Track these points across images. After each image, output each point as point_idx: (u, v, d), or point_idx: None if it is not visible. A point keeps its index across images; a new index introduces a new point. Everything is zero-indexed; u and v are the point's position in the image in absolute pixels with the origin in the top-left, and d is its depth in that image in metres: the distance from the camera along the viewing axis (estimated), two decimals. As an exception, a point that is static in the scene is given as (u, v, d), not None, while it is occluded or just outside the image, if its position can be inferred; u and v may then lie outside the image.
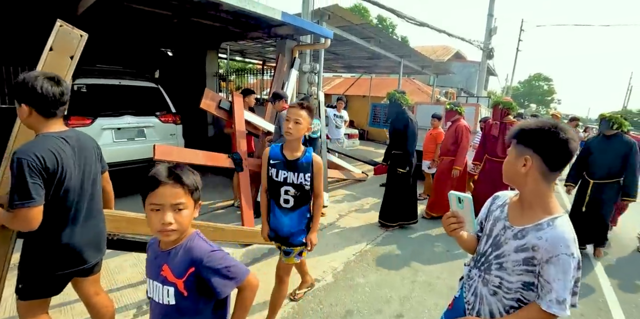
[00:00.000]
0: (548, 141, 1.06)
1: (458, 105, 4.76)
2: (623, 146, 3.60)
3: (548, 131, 1.07)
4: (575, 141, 1.05)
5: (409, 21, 7.13)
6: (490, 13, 10.73)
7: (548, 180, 1.08)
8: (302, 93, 5.61)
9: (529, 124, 1.11)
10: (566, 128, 1.08)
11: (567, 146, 1.05)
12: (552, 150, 1.06)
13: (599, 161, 3.71)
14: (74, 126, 4.16)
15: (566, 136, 1.05)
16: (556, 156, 1.06)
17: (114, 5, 4.25)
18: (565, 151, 1.06)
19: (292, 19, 4.17)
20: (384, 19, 27.59)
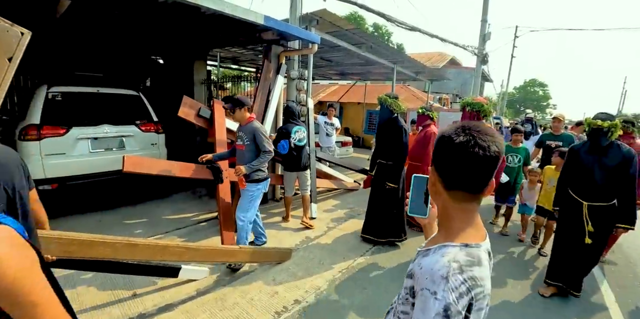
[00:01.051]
0: (440, 149, 0.85)
1: (430, 109, 4.64)
2: (621, 157, 2.78)
3: (442, 137, 0.84)
4: (479, 146, 0.78)
5: (399, 25, 6.99)
6: (484, 19, 10.66)
7: (456, 200, 0.84)
8: (291, 100, 5.43)
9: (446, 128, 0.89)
10: (468, 129, 0.81)
11: (458, 153, 0.79)
12: (442, 159, 0.84)
13: (592, 177, 2.89)
14: (47, 136, 3.98)
15: (459, 139, 0.80)
16: (445, 168, 0.83)
17: (93, 9, 4.08)
18: (454, 161, 0.81)
19: (276, 23, 4.01)
20: (379, 27, 27.72)
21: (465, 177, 0.82)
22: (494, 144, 0.80)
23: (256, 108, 4.55)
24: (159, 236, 3.92)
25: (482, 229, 0.87)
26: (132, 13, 4.28)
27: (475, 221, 0.86)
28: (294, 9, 5.19)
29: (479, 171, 0.81)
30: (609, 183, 2.84)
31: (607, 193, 2.86)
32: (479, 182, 0.82)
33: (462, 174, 0.81)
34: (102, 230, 3.99)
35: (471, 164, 0.79)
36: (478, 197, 0.85)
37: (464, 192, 0.83)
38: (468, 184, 0.82)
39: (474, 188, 0.83)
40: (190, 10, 3.55)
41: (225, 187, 3.71)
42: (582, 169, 2.96)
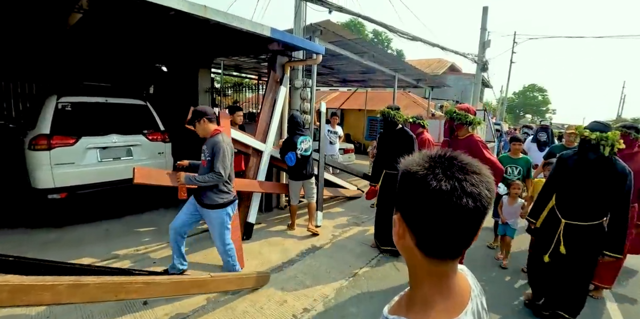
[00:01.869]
0: (409, 194, 0.62)
1: (421, 118, 4.73)
2: (614, 174, 2.40)
3: (411, 176, 0.61)
4: (467, 195, 0.57)
5: (402, 36, 7.12)
6: (484, 27, 10.82)
7: (430, 262, 0.63)
8: (295, 109, 5.51)
9: (412, 158, 0.66)
10: (448, 167, 0.60)
11: (438, 206, 0.57)
12: (412, 210, 0.61)
13: (574, 193, 2.56)
14: (57, 146, 4.05)
15: (439, 185, 0.57)
16: (417, 223, 0.61)
17: (104, 21, 4.19)
18: (430, 216, 0.59)
19: (282, 35, 4.11)
20: (379, 33, 27.98)
21: (447, 240, 0.60)
22: (484, 186, 0.60)
23: (263, 117, 4.63)
24: (167, 244, 3.97)
25: (460, 297, 0.66)
26: (141, 24, 4.39)
27: (451, 288, 0.65)
28: (298, 19, 5.30)
29: (465, 229, 0.60)
30: (594, 202, 2.50)
31: (590, 212, 2.52)
32: (463, 243, 0.62)
33: (443, 235, 0.60)
34: (111, 239, 4.05)
35: (457, 222, 0.58)
36: (459, 257, 0.65)
37: (442, 255, 0.63)
38: (449, 248, 0.62)
39: (456, 251, 0.63)
40: (199, 22, 3.64)
41: (233, 197, 3.76)
42: (565, 182, 2.64)
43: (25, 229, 4.18)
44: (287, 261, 3.73)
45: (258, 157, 4.51)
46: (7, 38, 5.26)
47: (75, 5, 3.28)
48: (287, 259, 3.77)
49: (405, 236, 0.64)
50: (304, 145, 4.39)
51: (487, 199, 0.60)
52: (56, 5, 3.59)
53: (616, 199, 2.44)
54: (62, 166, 4.07)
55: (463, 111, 3.23)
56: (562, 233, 2.60)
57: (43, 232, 4.14)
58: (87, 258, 3.56)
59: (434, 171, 0.60)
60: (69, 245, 3.86)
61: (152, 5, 2.99)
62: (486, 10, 10.64)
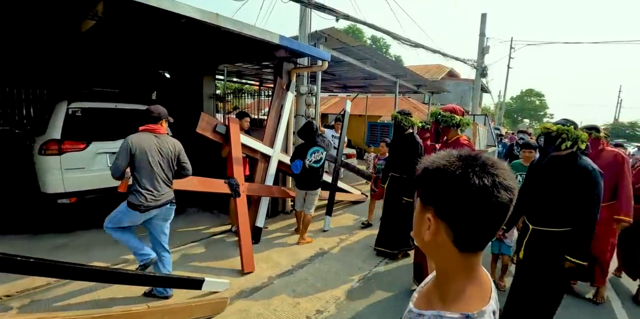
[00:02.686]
0: (448, 194, 0.64)
1: (429, 123, 4.81)
2: (577, 174, 2.24)
3: (449, 174, 0.65)
4: (505, 188, 0.62)
5: (404, 43, 7.25)
6: (482, 33, 10.99)
7: (463, 257, 0.68)
8: (300, 115, 5.59)
9: (437, 158, 0.70)
10: (481, 165, 0.64)
11: (482, 202, 0.62)
12: (455, 211, 0.64)
13: (540, 196, 2.43)
14: (68, 151, 4.09)
15: (479, 181, 0.62)
16: (463, 222, 0.64)
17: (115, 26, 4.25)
18: (476, 212, 0.62)
19: (290, 42, 4.19)
20: (378, 40, 28.27)
21: (484, 233, 0.65)
22: (513, 179, 0.66)
23: (270, 123, 4.70)
24: (176, 249, 4.00)
25: (486, 284, 0.71)
26: (149, 30, 4.46)
27: (479, 277, 0.70)
28: (304, 26, 5.40)
29: (499, 221, 0.65)
30: (560, 204, 2.32)
31: (557, 217, 2.33)
32: (494, 234, 0.67)
33: (482, 229, 0.64)
34: (119, 244, 4.04)
35: (495, 215, 0.63)
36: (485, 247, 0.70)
37: (476, 248, 0.68)
38: (484, 240, 0.67)
39: (487, 242, 0.68)
40: (206, 29, 3.71)
41: (242, 202, 3.81)
42: (531, 185, 2.52)
43: (33, 235, 4.20)
44: (297, 265, 3.76)
45: (266, 162, 4.57)
46: (13, 44, 5.33)
47: (90, 12, 3.35)
48: (297, 263, 3.80)
49: (440, 232, 0.67)
50: (315, 156, 4.30)
51: (516, 191, 0.65)
52: (70, 12, 3.66)
53: (582, 199, 2.23)
54: (72, 170, 4.11)
55: (448, 112, 3.08)
56: (527, 240, 2.44)
57: (52, 237, 4.17)
58: (97, 263, 3.58)
59: (473, 168, 0.63)
60: (78, 250, 3.89)
61: (166, 13, 3.07)
62: (484, 17, 10.82)
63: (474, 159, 0.66)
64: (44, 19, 4.08)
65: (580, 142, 2.28)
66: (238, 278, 3.39)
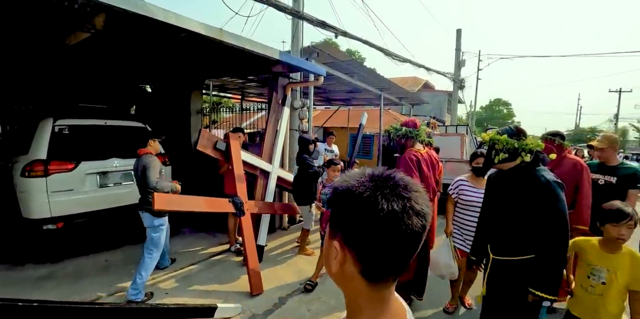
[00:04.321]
0: (354, 218, 0.57)
1: (429, 136, 4.89)
2: (533, 189, 1.89)
3: (355, 197, 0.57)
4: (417, 214, 0.56)
5: (395, 58, 7.44)
6: (458, 48, 11.48)
7: (373, 289, 0.60)
8: (294, 129, 5.55)
9: (350, 177, 0.63)
10: (393, 187, 0.58)
11: (389, 229, 0.55)
12: (360, 236, 0.57)
13: (496, 217, 2.11)
14: (55, 172, 3.83)
15: (388, 206, 0.55)
16: (370, 251, 0.57)
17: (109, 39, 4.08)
18: (382, 240, 0.55)
19: (289, 57, 4.19)
20: (353, 53, 28.90)
21: (394, 262, 0.58)
22: (426, 203, 0.59)
23: (268, 138, 4.62)
24: (176, 273, 3.79)
25: (399, 316, 0.64)
26: (143, 44, 4.32)
27: (392, 310, 0.63)
28: (296, 42, 5.43)
29: (411, 250, 0.58)
30: (518, 226, 1.96)
31: (518, 242, 1.97)
32: (406, 263, 0.60)
33: (392, 258, 0.57)
34: (112, 271, 3.81)
35: (406, 242, 0.56)
36: (395, 280, 0.63)
37: (387, 279, 0.60)
38: (394, 270, 0.59)
39: (399, 272, 0.61)
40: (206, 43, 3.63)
41: (247, 220, 3.69)
42: (487, 204, 2.25)
43: (13, 265, 3.84)
44: (305, 282, 3.65)
45: (265, 179, 4.47)
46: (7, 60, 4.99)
47: (87, 24, 3.20)
48: (304, 280, 3.69)
49: (348, 262, 0.59)
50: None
51: (429, 217, 0.59)
52: (64, 24, 3.48)
53: (543, 219, 1.85)
54: (59, 193, 3.84)
55: (398, 125, 3.06)
56: (488, 272, 2.12)
57: (35, 266, 3.84)
58: (91, 293, 3.31)
59: (382, 191, 0.57)
60: (66, 280, 3.59)
61: (168, 27, 2.98)
62: (460, 33, 11.32)
63: (386, 179, 0.59)
64: (31, 31, 3.86)
65: (524, 154, 1.91)
66: (247, 301, 3.24)
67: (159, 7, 2.80)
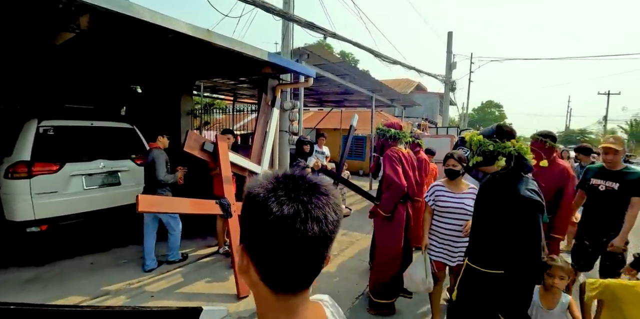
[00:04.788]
0: (250, 221, 0.55)
1: (418, 137, 4.92)
2: (510, 201, 1.75)
3: (253, 200, 0.55)
4: (312, 219, 0.52)
5: (384, 60, 7.48)
6: (449, 50, 11.57)
7: (282, 298, 0.56)
8: (284, 130, 5.54)
9: (259, 178, 0.59)
10: (293, 189, 0.54)
11: (279, 234, 0.51)
12: (253, 240, 0.54)
13: (476, 224, 2.02)
14: (39, 173, 3.77)
15: (281, 210, 0.51)
16: (259, 253, 0.54)
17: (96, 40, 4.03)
18: (271, 246, 0.52)
19: (278, 59, 4.18)
20: (347, 55, 29.01)
21: (293, 271, 0.54)
22: (331, 208, 0.55)
23: (257, 140, 4.60)
24: (162, 275, 3.75)
25: None
26: (130, 45, 4.28)
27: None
28: (286, 43, 5.43)
29: (312, 258, 0.54)
30: (494, 238, 1.83)
31: (490, 253, 1.86)
32: (311, 272, 0.56)
33: (289, 266, 0.53)
34: (98, 274, 3.76)
35: (302, 250, 0.52)
36: (306, 290, 0.59)
37: (292, 288, 0.57)
38: (296, 280, 0.55)
39: (305, 282, 0.57)
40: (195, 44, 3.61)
41: (235, 222, 3.66)
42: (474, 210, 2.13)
43: (-4, 268, 3.78)
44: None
45: (254, 180, 4.44)
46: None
47: (72, 24, 3.16)
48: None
49: (250, 269, 0.56)
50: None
51: (334, 223, 0.55)
52: (49, 24, 3.43)
53: (515, 235, 1.72)
54: (43, 195, 3.78)
55: (386, 127, 3.20)
56: (461, 277, 2.05)
57: (20, 270, 3.76)
58: (75, 296, 3.27)
59: (276, 193, 0.53)
60: (52, 283, 3.53)
61: (155, 28, 2.95)
62: (451, 36, 11.42)
63: (288, 181, 0.55)
64: (16, 30, 3.80)
65: (500, 158, 1.76)
66: (234, 303, 3.22)
67: (144, 8, 2.78)
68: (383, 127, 3.21)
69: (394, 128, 3.17)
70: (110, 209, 4.21)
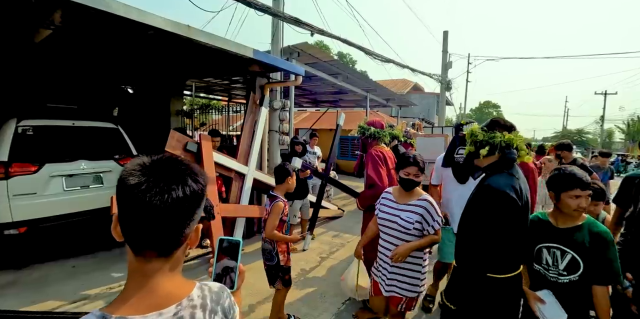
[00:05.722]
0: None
1: (410, 137, 4.86)
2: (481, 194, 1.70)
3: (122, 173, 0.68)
4: (153, 192, 0.63)
5: (376, 58, 7.39)
6: (445, 49, 11.50)
7: (138, 261, 0.67)
8: (274, 130, 5.44)
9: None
10: (151, 166, 0.66)
11: (126, 199, 0.64)
12: (119, 206, 0.67)
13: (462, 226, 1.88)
14: (16, 174, 3.66)
15: (130, 180, 0.63)
16: (122, 220, 0.67)
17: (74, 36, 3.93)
18: (122, 208, 0.66)
19: (264, 56, 4.08)
20: (344, 55, 28.96)
21: (141, 234, 0.64)
22: (182, 185, 0.65)
23: (244, 140, 4.51)
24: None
25: (157, 301, 0.65)
26: (112, 43, 4.19)
27: (152, 289, 0.66)
28: (276, 41, 5.33)
29: (157, 224, 0.63)
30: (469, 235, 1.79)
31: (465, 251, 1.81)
32: (160, 238, 0.65)
33: (136, 228, 0.64)
34: (78, 278, 3.65)
35: (145, 215, 0.62)
36: (165, 260, 0.68)
37: (149, 254, 0.66)
38: (149, 241, 0.65)
39: (157, 247, 0.66)
40: (175, 42, 3.52)
41: (218, 224, 3.56)
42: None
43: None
44: (279, 290, 3.53)
45: (241, 181, 4.34)
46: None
47: (46, 20, 3.05)
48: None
49: (117, 228, 0.68)
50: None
51: (181, 199, 0.64)
52: (24, 20, 3.33)
53: (473, 227, 1.72)
54: (21, 197, 3.67)
55: (367, 125, 3.16)
56: (449, 279, 2.02)
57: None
58: (53, 301, 3.17)
59: (133, 169, 0.65)
60: (31, 287, 3.43)
61: (133, 23, 2.86)
62: (446, 35, 11.34)
63: (154, 162, 0.67)
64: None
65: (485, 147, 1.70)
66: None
67: (119, 2, 2.68)
68: (364, 125, 3.16)
69: (374, 126, 3.11)
70: (93, 211, 4.10)
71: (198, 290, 0.73)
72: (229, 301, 0.78)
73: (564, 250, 1.73)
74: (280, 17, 4.74)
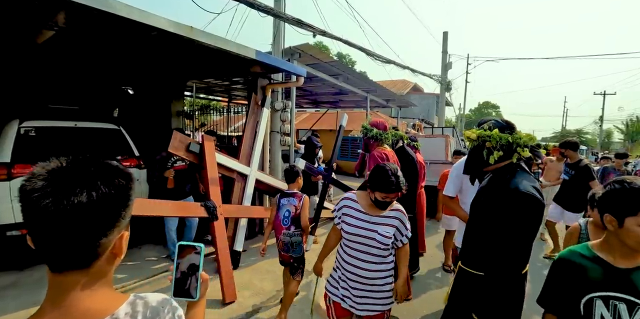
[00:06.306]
0: None
1: (415, 139, 4.83)
2: (502, 200, 1.63)
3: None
4: (47, 195, 0.58)
5: (377, 59, 7.39)
6: (445, 50, 11.52)
7: (53, 276, 0.64)
8: (275, 131, 5.44)
9: None
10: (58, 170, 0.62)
11: (25, 204, 0.60)
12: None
13: (470, 223, 1.89)
14: (19, 175, 3.66)
15: (30, 184, 0.60)
16: (26, 226, 0.64)
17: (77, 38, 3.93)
18: (24, 216, 0.61)
19: (266, 57, 4.09)
20: (343, 56, 29.00)
21: (38, 242, 0.60)
22: (87, 192, 0.59)
23: (246, 140, 4.51)
24: (148, 280, 3.64)
25: (71, 315, 0.61)
26: (115, 44, 4.18)
27: (66, 304, 0.61)
28: (277, 42, 5.34)
29: (60, 235, 0.58)
30: (483, 237, 1.74)
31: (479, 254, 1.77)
32: (67, 253, 0.60)
33: (33, 236, 0.61)
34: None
35: (43, 223, 0.58)
36: (82, 273, 0.63)
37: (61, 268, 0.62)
38: (51, 257, 0.61)
39: (65, 262, 0.61)
40: (177, 43, 3.51)
41: (221, 225, 3.56)
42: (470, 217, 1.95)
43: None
44: (282, 290, 3.52)
45: (243, 182, 4.34)
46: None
47: (49, 21, 3.05)
48: (282, 288, 3.54)
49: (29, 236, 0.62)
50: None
51: (84, 204, 0.58)
52: (27, 22, 3.33)
53: (501, 233, 1.61)
54: (24, 198, 3.66)
55: (370, 126, 3.18)
56: (454, 280, 1.94)
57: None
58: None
59: (38, 173, 0.60)
60: (31, 288, 3.42)
61: (135, 24, 2.86)
62: (446, 36, 11.37)
63: (57, 166, 0.62)
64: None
65: (520, 150, 1.67)
66: (219, 309, 3.11)
67: (122, 3, 2.68)
68: (367, 125, 3.20)
69: (377, 128, 3.14)
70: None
71: (128, 306, 0.65)
72: (171, 317, 0.70)
73: (633, 302, 1.16)
74: (283, 18, 4.75)
